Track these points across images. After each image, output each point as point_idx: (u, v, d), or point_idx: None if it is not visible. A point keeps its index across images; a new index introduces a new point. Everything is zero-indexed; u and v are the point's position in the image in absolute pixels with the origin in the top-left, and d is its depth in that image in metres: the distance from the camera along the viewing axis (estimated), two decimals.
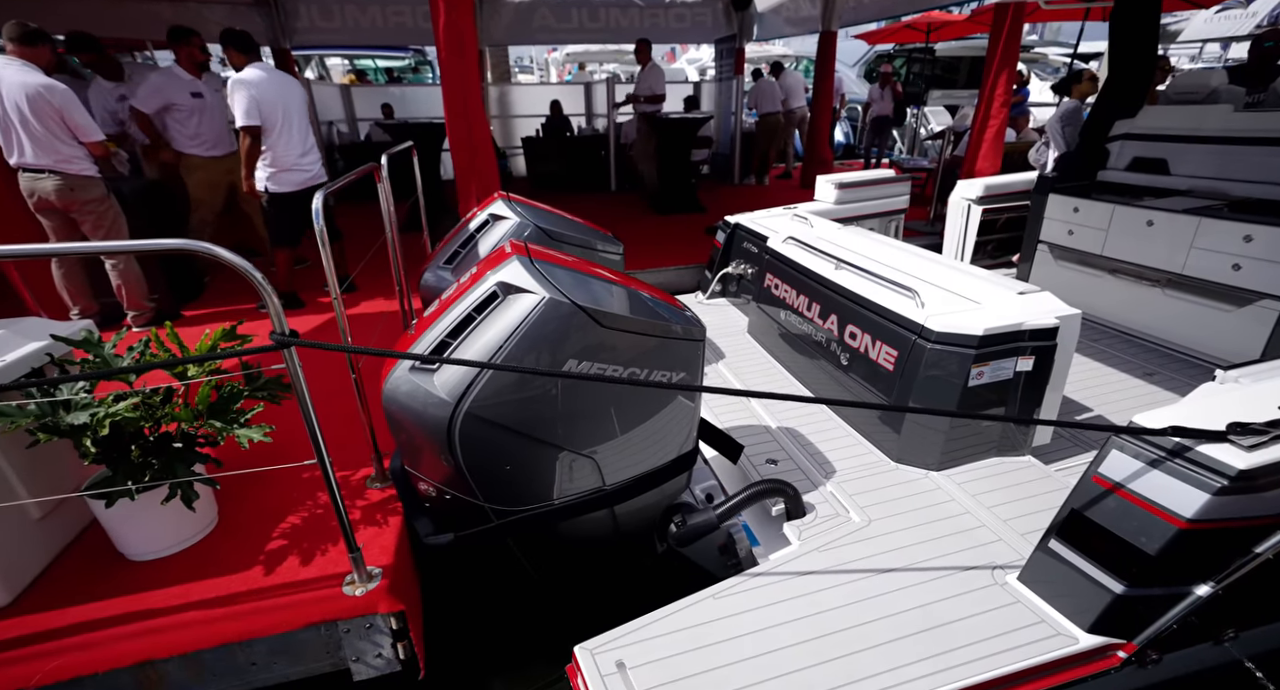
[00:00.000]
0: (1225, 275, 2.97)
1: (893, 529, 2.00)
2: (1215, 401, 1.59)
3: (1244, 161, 3.14)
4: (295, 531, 1.91)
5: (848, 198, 4.28)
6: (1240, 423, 1.44)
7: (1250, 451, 1.40)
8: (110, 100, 4.44)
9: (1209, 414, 1.52)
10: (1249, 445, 1.40)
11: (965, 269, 2.63)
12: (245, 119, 3.58)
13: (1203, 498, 1.41)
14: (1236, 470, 1.38)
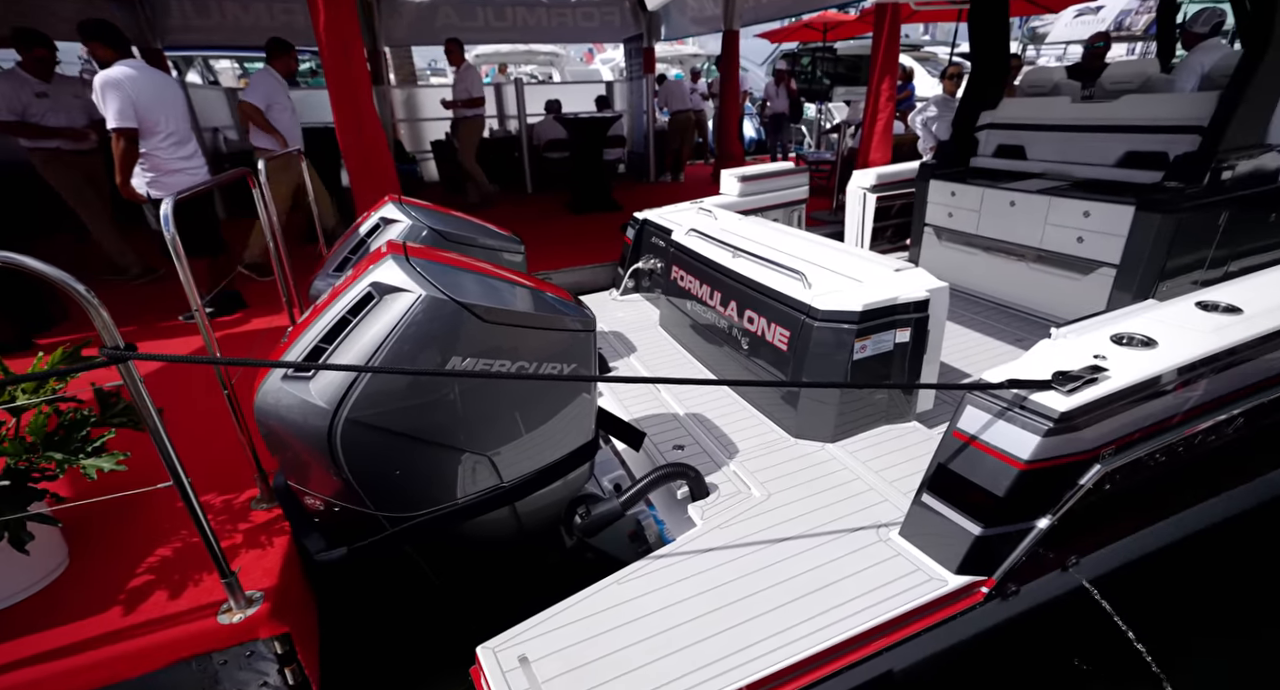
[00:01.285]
0: (1073, 247, 3.31)
1: (789, 501, 2.11)
2: (1049, 355, 1.78)
3: (1081, 146, 3.51)
4: (164, 564, 1.78)
5: (750, 190, 4.44)
6: (1063, 372, 1.62)
7: (1069, 396, 1.57)
8: None
9: (1043, 366, 1.70)
10: (1068, 390, 1.58)
11: (848, 250, 2.80)
12: (119, 120, 3.26)
13: (1035, 440, 1.57)
14: (1059, 413, 1.55)
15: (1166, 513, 2.06)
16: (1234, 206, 2.97)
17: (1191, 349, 1.72)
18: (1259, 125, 2.90)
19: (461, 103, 6.39)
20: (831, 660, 1.60)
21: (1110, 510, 1.89)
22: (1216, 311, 1.90)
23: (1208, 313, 1.90)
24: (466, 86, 6.32)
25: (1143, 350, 1.74)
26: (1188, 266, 3.06)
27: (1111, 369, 1.66)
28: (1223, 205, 2.94)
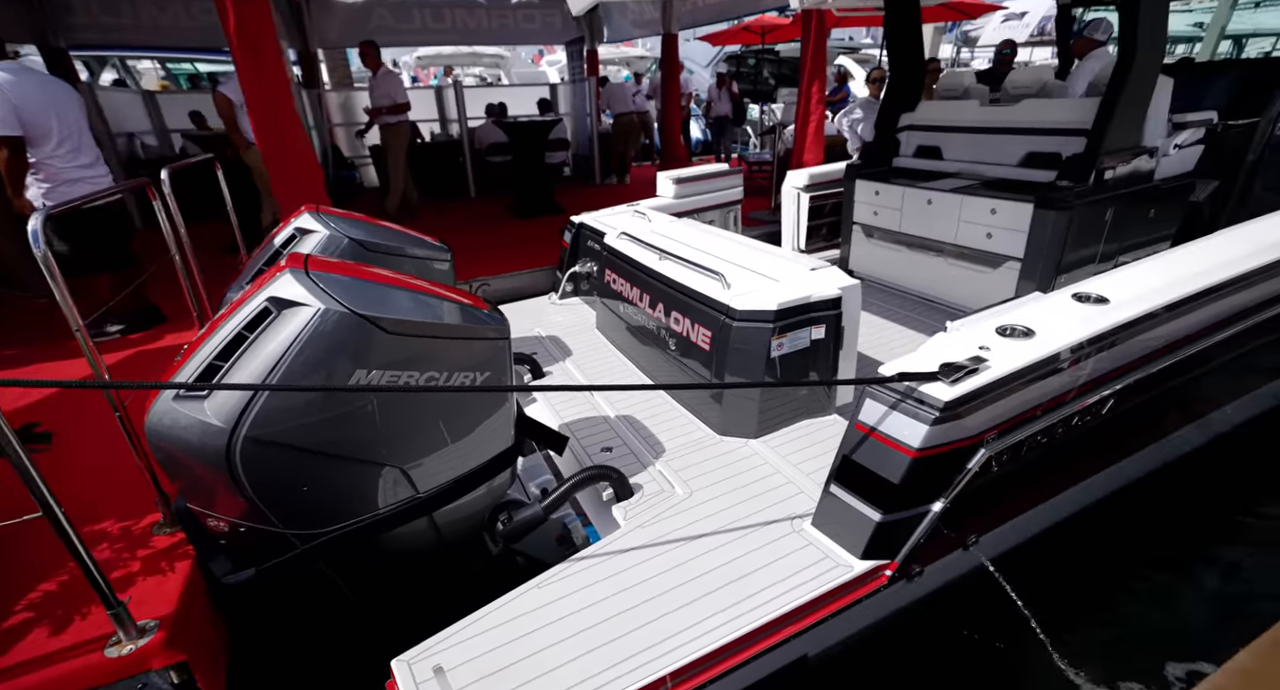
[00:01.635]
0: (983, 243, 3.50)
1: (710, 497, 2.17)
2: (942, 348, 1.89)
3: (989, 147, 3.72)
4: (46, 600, 1.69)
5: (686, 192, 4.52)
6: (948, 363, 1.73)
7: (953, 386, 1.68)
8: None
9: (936, 358, 1.81)
10: (952, 381, 1.68)
11: (769, 250, 2.89)
12: (1, 128, 3.07)
13: (924, 429, 1.67)
14: (943, 402, 1.65)
15: (1057, 489, 2.22)
16: (1118, 203, 3.20)
17: (1064, 337, 1.86)
18: (1135, 128, 3.14)
19: (385, 109, 6.16)
20: (744, 648, 1.67)
21: (1005, 489, 2.03)
22: (1089, 302, 2.05)
23: (1081, 303, 2.05)
24: (388, 92, 6.10)
25: (1022, 340, 1.87)
26: (1082, 260, 3.28)
27: (992, 359, 1.78)
28: (1108, 202, 3.17)
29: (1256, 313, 2.36)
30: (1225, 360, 2.38)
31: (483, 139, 7.42)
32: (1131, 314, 1.98)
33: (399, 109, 6.24)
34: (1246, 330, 2.35)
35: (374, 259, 2.61)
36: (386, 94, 6.12)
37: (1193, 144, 3.47)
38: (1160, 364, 2.09)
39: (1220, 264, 2.28)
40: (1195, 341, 2.19)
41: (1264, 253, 2.37)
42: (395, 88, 6.19)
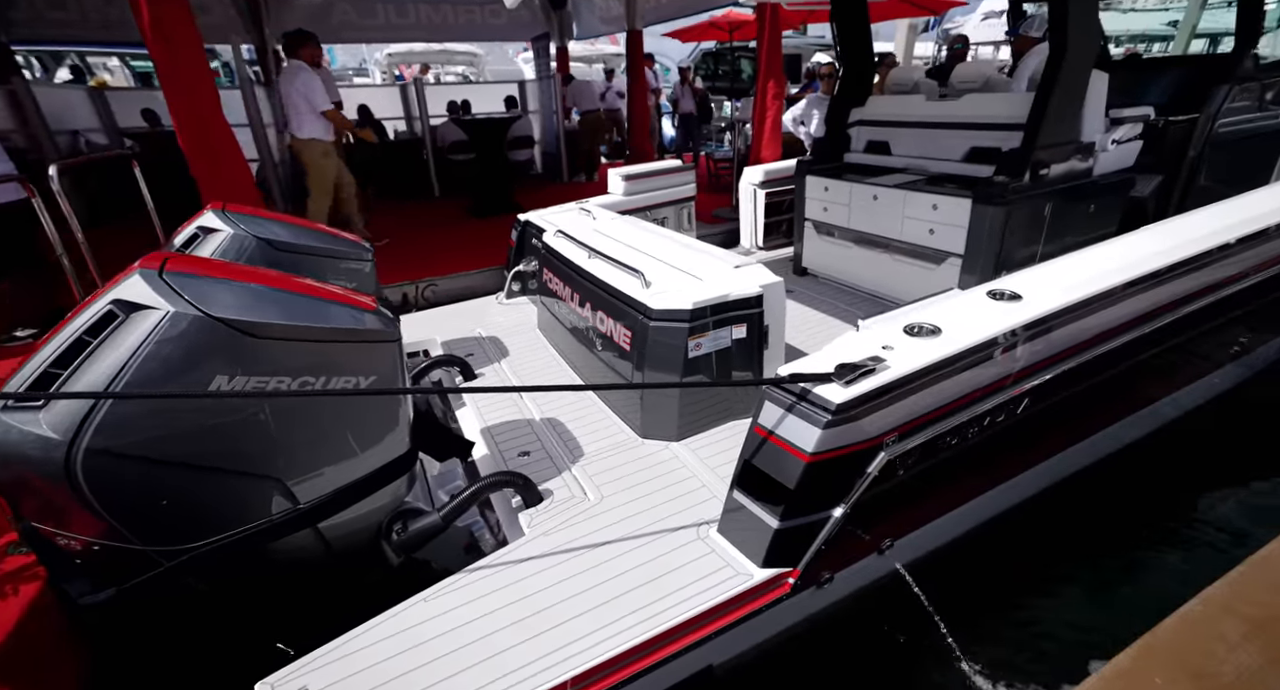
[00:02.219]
0: (926, 239, 3.46)
1: (622, 502, 2.10)
2: (848, 347, 1.83)
3: (935, 142, 3.68)
4: None
5: (635, 189, 4.45)
6: (844, 364, 1.67)
7: (847, 387, 1.62)
8: None
9: (838, 357, 1.75)
10: (845, 382, 1.63)
11: (699, 248, 2.83)
12: None
13: (816, 432, 1.61)
14: (835, 404, 1.59)
15: (978, 490, 2.17)
16: (1055, 199, 3.17)
17: (970, 335, 1.81)
18: (1070, 123, 3.11)
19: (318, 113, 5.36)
20: (643, 656, 1.61)
21: (921, 491, 1.98)
22: (1003, 299, 2.01)
23: (995, 301, 2.01)
24: (308, 95, 5.21)
25: (928, 339, 1.82)
26: (1024, 256, 3.25)
27: (893, 359, 1.73)
28: (1046, 198, 3.14)
29: (1181, 306, 2.34)
30: (1151, 356, 2.36)
31: (444, 137, 7.31)
32: (1042, 310, 1.93)
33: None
34: (1172, 325, 2.32)
35: (286, 260, 2.51)
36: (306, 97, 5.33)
37: (1131, 140, 3.45)
38: (1077, 360, 2.05)
39: (1142, 258, 2.25)
40: (1115, 337, 2.15)
41: (1188, 246, 2.34)
42: (311, 90, 5.12)
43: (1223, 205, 2.83)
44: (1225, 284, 2.45)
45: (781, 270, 4.68)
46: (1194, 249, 2.32)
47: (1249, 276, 2.54)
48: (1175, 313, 2.29)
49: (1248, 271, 2.53)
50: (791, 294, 4.15)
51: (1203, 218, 2.66)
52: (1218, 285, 2.43)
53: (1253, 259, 2.53)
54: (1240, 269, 2.50)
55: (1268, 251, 2.58)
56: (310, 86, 4.91)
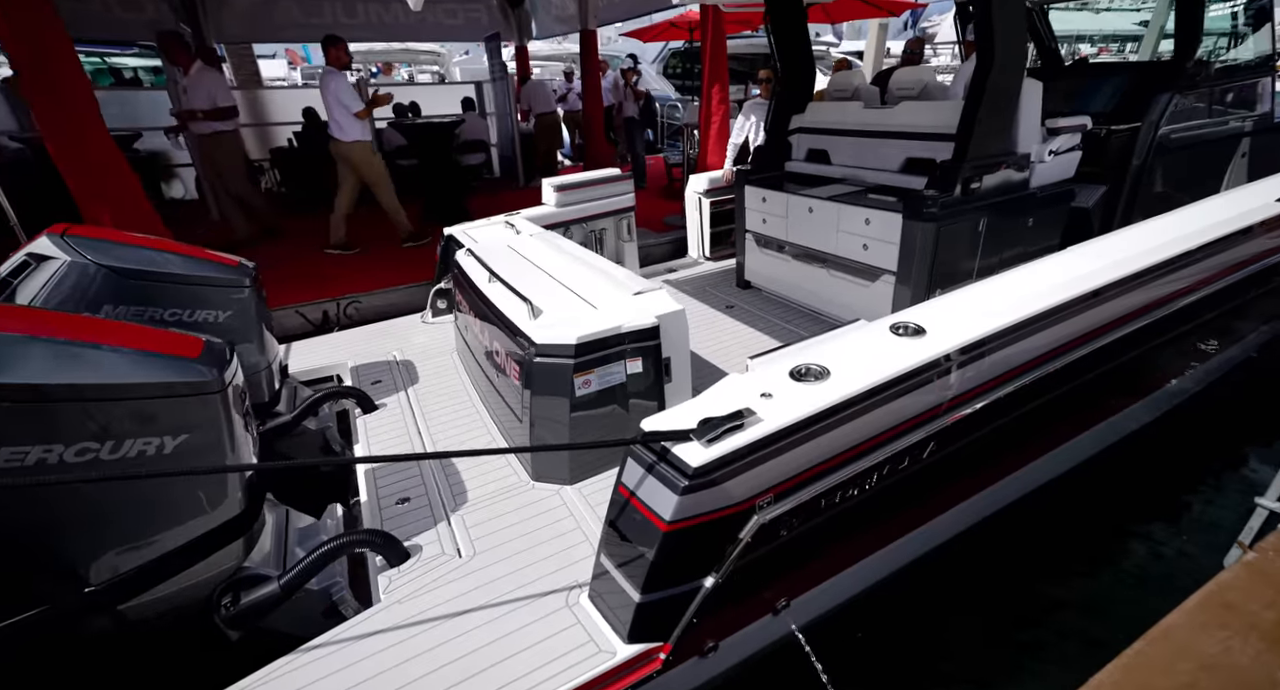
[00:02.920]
0: (859, 254, 3.31)
1: (496, 560, 1.91)
2: (725, 393, 1.65)
3: (873, 151, 3.53)
4: None
5: (568, 200, 4.24)
6: (709, 419, 1.49)
7: (709, 446, 1.44)
8: None
9: (710, 407, 1.57)
10: (707, 440, 1.44)
11: (607, 270, 2.64)
12: None
13: (673, 498, 1.43)
14: (693, 468, 1.41)
15: (880, 543, 2.01)
16: (990, 213, 3.03)
17: (860, 380, 1.64)
18: (1002, 135, 2.96)
19: (204, 113, 5.04)
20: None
21: (818, 546, 1.81)
22: (904, 335, 1.84)
23: (896, 336, 1.84)
24: (208, 93, 5.02)
25: (813, 385, 1.64)
26: (958, 273, 3.10)
27: (770, 409, 1.55)
28: (979, 212, 2.99)
29: (1109, 333, 2.19)
30: (1074, 387, 2.21)
31: (389, 142, 7.04)
32: (946, 347, 1.77)
33: (221, 113, 5.12)
34: (1099, 352, 2.17)
35: (140, 291, 2.29)
36: (206, 95, 5.01)
37: (1070, 150, 3.32)
38: (989, 398, 1.89)
39: (1069, 281, 2.10)
40: (1033, 369, 2.00)
41: (1119, 267, 2.19)
42: (217, 88, 5.13)
43: (1166, 218, 2.69)
44: (1162, 304, 2.30)
45: (726, 282, 4.53)
46: (1125, 270, 2.16)
47: (1190, 294, 2.40)
48: (1102, 340, 2.15)
49: (1188, 289, 2.39)
50: (731, 310, 4.00)
51: (1140, 233, 2.51)
52: (1153, 306, 2.29)
53: (1193, 275, 2.39)
54: (1179, 287, 2.35)
55: (1209, 267, 2.44)
56: (342, 90, 4.91)
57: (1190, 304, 2.38)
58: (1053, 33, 5.14)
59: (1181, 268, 2.27)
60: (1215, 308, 2.53)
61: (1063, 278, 2.14)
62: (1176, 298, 2.33)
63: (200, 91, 5.05)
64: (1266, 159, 4.46)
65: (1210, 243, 2.30)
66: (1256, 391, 3.63)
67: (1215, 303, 2.50)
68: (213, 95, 5.08)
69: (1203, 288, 2.41)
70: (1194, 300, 2.39)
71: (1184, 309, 2.35)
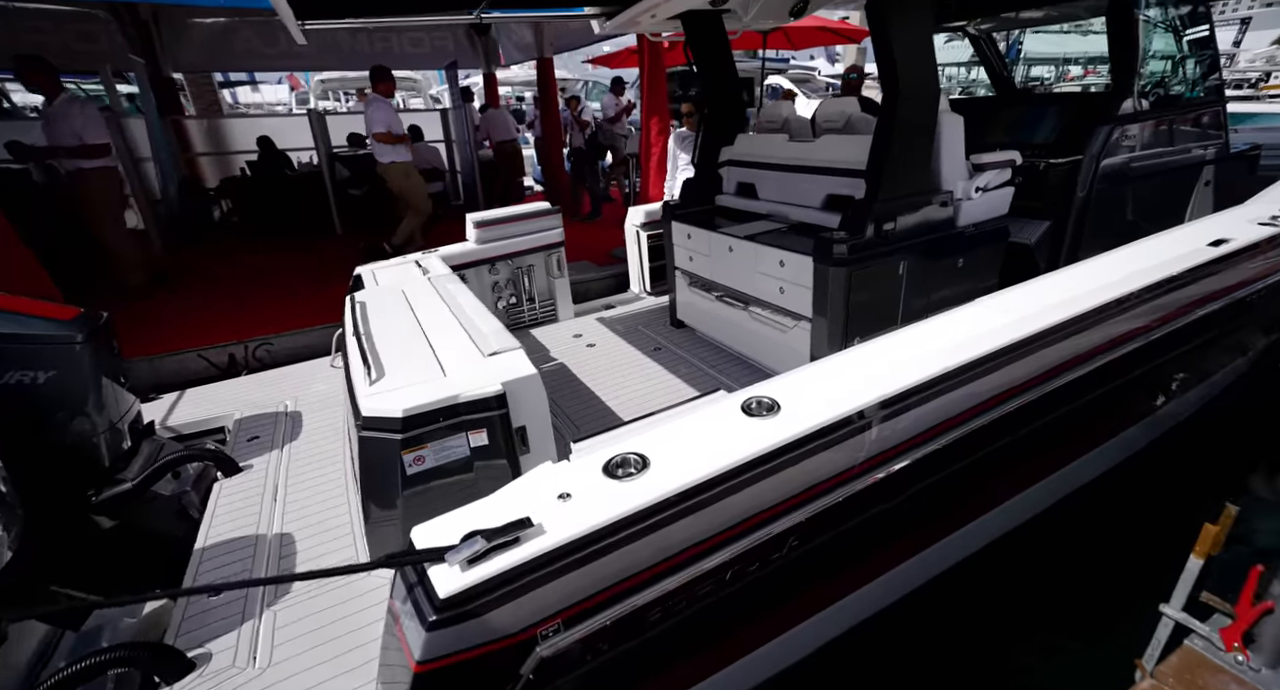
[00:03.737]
0: (777, 297, 3.09)
1: (290, 672, 1.66)
2: (522, 491, 1.41)
3: (795, 187, 3.33)
4: None
5: (490, 236, 4.05)
6: (477, 531, 1.24)
7: (467, 569, 1.20)
8: None
9: (493, 512, 1.33)
10: (466, 561, 1.20)
11: (475, 325, 2.41)
12: None
13: (421, 634, 1.18)
14: (441, 599, 1.17)
15: (731, 658, 1.74)
16: (911, 255, 2.81)
17: (679, 477, 1.39)
18: (919, 172, 2.76)
19: (65, 150, 4.45)
20: None
21: (637, 674, 1.55)
22: (757, 413, 1.60)
23: (746, 416, 1.60)
24: (74, 127, 4.40)
25: (625, 483, 1.40)
26: (881, 317, 2.88)
27: (560, 517, 1.31)
28: (897, 254, 2.77)
29: (1012, 400, 1.94)
30: (966, 467, 1.96)
31: (340, 171, 6.91)
32: (799, 431, 1.53)
33: (92, 151, 4.50)
34: (996, 426, 1.92)
35: None
36: (71, 130, 4.41)
37: (1001, 186, 3.11)
38: (856, 486, 1.65)
39: (964, 342, 1.86)
40: (921, 446, 1.76)
41: (1039, 318, 1.94)
42: (87, 121, 4.49)
43: (1113, 255, 2.45)
44: (1076, 364, 2.05)
45: (662, 320, 4.31)
46: (1046, 321, 1.91)
47: (1130, 341, 2.15)
48: (1014, 402, 1.90)
49: (1126, 336, 2.13)
50: (659, 352, 3.78)
51: (1071, 277, 2.26)
52: (1066, 366, 2.04)
53: (1136, 319, 2.14)
54: (1113, 335, 2.10)
55: (1155, 309, 2.18)
56: (389, 116, 5.37)
57: (1113, 361, 2.14)
58: (1004, 59, 5.00)
59: (1146, 301, 2.05)
60: (1141, 365, 2.29)
61: (968, 332, 1.91)
62: (1095, 355, 2.09)
63: (63, 125, 4.43)
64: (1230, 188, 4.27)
65: (1124, 297, 2.07)
66: (1204, 450, 3.35)
67: (1143, 359, 2.26)
68: (78, 130, 4.44)
69: (1124, 344, 2.17)
70: (1116, 357, 2.15)
71: (1102, 369, 2.11)
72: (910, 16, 2.45)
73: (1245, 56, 24.74)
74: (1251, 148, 4.31)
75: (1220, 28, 24.49)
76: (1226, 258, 2.31)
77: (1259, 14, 33.25)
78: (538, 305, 4.45)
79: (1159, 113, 3.64)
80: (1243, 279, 2.44)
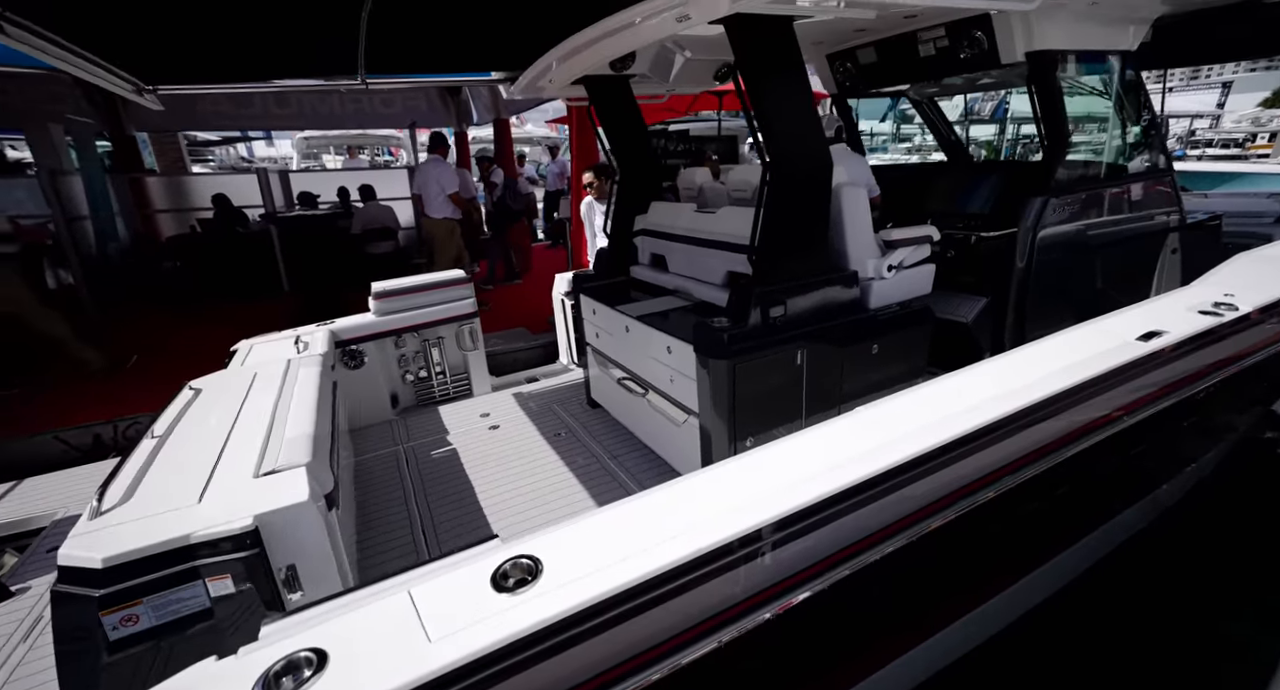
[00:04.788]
0: (668, 386, 2.75)
1: None
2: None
3: (700, 261, 3.04)
4: None
5: (390, 308, 3.77)
6: None
7: None
8: None
9: None
10: None
11: (276, 432, 2.07)
12: None
13: None
14: None
15: None
16: (810, 343, 2.48)
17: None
18: (814, 252, 2.47)
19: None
20: None
21: None
22: (507, 588, 1.22)
23: (494, 590, 1.22)
24: None
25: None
26: (778, 416, 2.52)
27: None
28: (792, 343, 2.44)
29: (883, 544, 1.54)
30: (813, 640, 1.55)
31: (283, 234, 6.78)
32: (550, 614, 1.15)
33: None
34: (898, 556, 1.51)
35: None
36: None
37: (920, 263, 2.81)
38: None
39: (841, 462, 1.47)
40: (747, 614, 1.35)
41: (929, 433, 1.56)
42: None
43: (1031, 349, 2.07)
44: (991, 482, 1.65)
45: (580, 397, 3.96)
46: (941, 436, 1.53)
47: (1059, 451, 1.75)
48: (899, 539, 1.50)
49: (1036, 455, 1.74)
50: (559, 438, 3.41)
51: (976, 377, 1.88)
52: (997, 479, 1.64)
53: (1046, 433, 1.76)
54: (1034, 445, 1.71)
55: (1095, 408, 1.80)
56: (445, 175, 5.97)
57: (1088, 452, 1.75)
58: (950, 126, 4.83)
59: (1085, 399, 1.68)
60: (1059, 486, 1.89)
61: (848, 453, 1.53)
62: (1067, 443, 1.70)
63: None
64: (1195, 257, 3.97)
65: (1026, 409, 1.71)
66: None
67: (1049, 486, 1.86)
68: None
69: (1039, 461, 1.78)
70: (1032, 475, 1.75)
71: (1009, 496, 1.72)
72: (783, 80, 2.21)
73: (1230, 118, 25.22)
74: (1211, 217, 4.03)
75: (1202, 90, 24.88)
76: (1151, 358, 1.95)
77: (1241, 78, 34.42)
78: (449, 379, 4.13)
79: (1098, 183, 3.38)
80: (1179, 378, 2.08)
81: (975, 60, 3.17)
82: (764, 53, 2.16)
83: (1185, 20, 3.48)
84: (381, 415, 3.85)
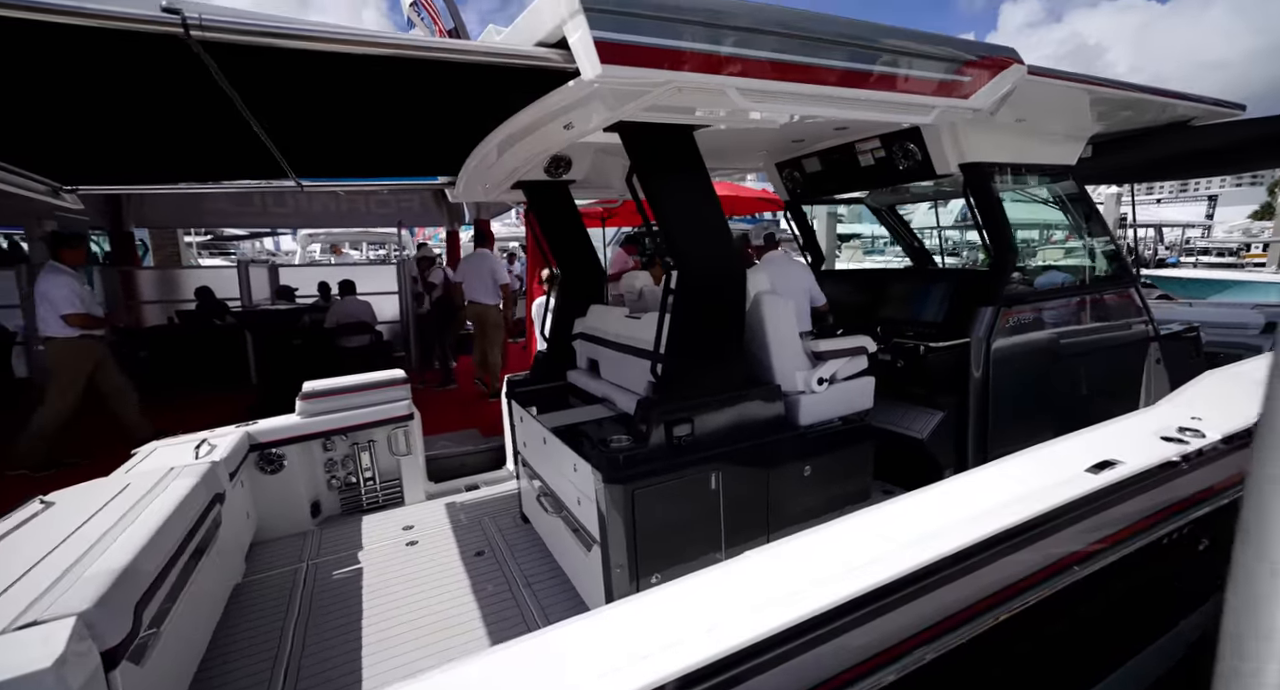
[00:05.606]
0: (576, 508, 2.45)
1: None
2: None
3: (627, 369, 2.85)
4: None
5: (317, 409, 3.57)
6: None
7: None
8: None
9: None
10: None
11: (91, 559, 1.79)
12: None
13: None
14: None
15: None
16: (727, 464, 2.21)
17: None
18: (729, 362, 2.27)
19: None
20: None
21: None
22: None
23: None
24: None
25: None
26: (693, 546, 2.20)
27: None
28: (706, 464, 2.18)
29: None
30: None
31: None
32: None
33: (89, 323, 4.85)
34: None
35: None
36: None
37: (855, 376, 2.60)
38: None
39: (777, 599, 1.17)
40: None
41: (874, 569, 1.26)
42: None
43: (993, 469, 1.80)
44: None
45: (514, 509, 3.63)
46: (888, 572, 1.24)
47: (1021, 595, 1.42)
48: None
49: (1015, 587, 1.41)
50: (477, 559, 3.05)
51: (916, 506, 1.60)
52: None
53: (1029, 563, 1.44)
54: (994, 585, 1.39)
55: (1058, 546, 1.49)
56: (499, 268, 6.38)
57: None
58: (912, 232, 4.82)
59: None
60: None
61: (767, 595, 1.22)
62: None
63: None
64: (1175, 367, 3.74)
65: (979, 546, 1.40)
66: None
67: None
68: None
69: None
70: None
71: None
72: (682, 184, 2.13)
73: (1221, 228, 26.08)
74: (1188, 328, 3.84)
75: (1190, 203, 25.96)
76: (1105, 492, 1.66)
77: (1227, 192, 36.24)
78: (378, 486, 3.82)
79: (1054, 293, 3.23)
80: (1141, 516, 1.77)
81: (913, 171, 3.16)
82: (660, 158, 2.11)
83: (1122, 140, 3.51)
84: (296, 526, 3.52)
